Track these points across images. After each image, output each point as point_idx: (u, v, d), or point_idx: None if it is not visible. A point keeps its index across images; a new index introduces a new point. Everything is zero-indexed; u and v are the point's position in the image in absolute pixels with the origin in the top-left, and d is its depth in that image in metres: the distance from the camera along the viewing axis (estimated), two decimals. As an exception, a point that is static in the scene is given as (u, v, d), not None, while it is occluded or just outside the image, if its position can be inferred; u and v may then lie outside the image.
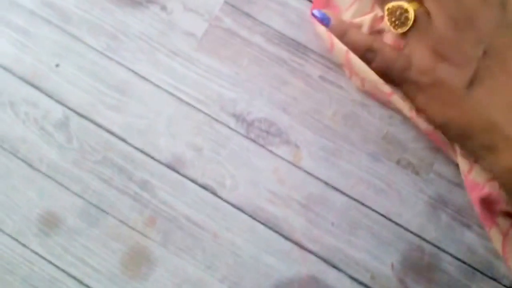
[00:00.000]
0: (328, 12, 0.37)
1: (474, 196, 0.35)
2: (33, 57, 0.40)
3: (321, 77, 0.39)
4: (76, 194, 0.38)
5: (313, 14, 0.37)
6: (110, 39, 0.40)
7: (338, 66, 0.40)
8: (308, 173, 0.38)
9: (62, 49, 0.40)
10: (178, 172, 0.38)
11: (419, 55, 0.36)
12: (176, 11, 0.40)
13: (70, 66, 0.39)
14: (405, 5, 0.35)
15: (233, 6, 0.40)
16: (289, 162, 0.38)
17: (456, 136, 0.35)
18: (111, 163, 0.38)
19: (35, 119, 0.39)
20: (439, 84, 0.35)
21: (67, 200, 0.38)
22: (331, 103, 0.39)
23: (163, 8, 0.40)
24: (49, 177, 0.38)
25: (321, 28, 0.37)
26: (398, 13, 0.35)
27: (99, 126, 0.38)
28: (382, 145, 0.38)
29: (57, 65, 0.39)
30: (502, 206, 0.34)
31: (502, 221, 0.35)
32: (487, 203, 0.35)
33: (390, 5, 0.36)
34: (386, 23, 0.36)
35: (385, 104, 0.38)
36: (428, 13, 0.35)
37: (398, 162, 0.38)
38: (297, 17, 0.40)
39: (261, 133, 0.38)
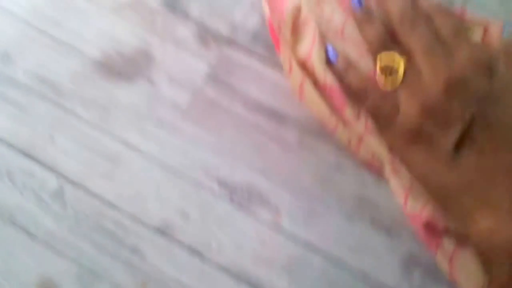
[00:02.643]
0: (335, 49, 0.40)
1: (417, 225, 0.38)
2: (29, 129, 0.44)
3: (298, 142, 0.43)
4: (71, 260, 0.42)
5: (326, 48, 0.40)
6: (101, 111, 0.44)
7: (315, 131, 0.44)
8: (289, 235, 0.42)
9: (57, 122, 0.44)
10: (166, 237, 0.42)
11: (407, 106, 0.38)
12: (162, 84, 0.44)
13: (64, 138, 0.44)
14: (397, 59, 0.37)
15: (214, 77, 0.45)
16: (270, 224, 0.42)
17: (435, 193, 0.37)
18: (103, 230, 0.42)
19: (32, 188, 0.43)
20: (424, 138, 0.37)
21: (63, 266, 0.42)
22: (308, 166, 0.43)
23: (150, 81, 0.44)
24: (45, 243, 0.42)
25: (282, 54, 0.42)
26: (389, 67, 0.38)
27: (92, 194, 0.42)
28: (356, 206, 0.42)
29: (51, 137, 0.44)
30: (444, 226, 0.37)
31: (447, 243, 0.38)
32: (430, 228, 0.38)
33: (382, 54, 0.38)
34: (378, 72, 0.38)
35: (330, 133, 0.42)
36: (418, 71, 0.37)
37: (371, 222, 0.42)
38: (273, 86, 0.45)
39: (243, 197, 0.42)
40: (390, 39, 0.39)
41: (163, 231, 0.42)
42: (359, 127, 0.40)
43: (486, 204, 0.35)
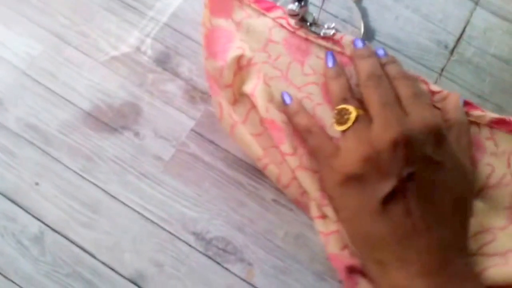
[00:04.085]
0: (292, 95, 0.44)
1: (339, 265, 0.41)
2: (15, 175, 0.46)
3: (274, 200, 0.46)
4: (46, 305, 0.43)
5: (282, 94, 0.44)
6: (86, 161, 0.47)
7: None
8: (260, 290, 0.43)
9: (42, 169, 0.46)
10: (139, 287, 0.44)
11: (348, 150, 0.40)
12: (147, 137, 0.47)
13: (48, 185, 0.46)
14: (350, 108, 0.41)
15: (198, 133, 0.48)
16: (242, 279, 0.44)
17: (357, 238, 0.40)
18: (79, 277, 0.44)
19: (12, 233, 0.45)
20: (358, 182, 0.39)
21: (37, 310, 0.43)
22: (282, 224, 0.45)
23: (136, 134, 0.47)
24: None
25: (214, 99, 0.46)
26: (342, 113, 0.41)
27: (71, 241, 0.45)
28: (327, 265, 0.44)
29: (36, 184, 0.46)
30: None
31: (363, 283, 0.40)
32: (351, 270, 0.40)
33: (339, 106, 0.42)
34: (332, 120, 0.42)
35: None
36: (369, 121, 0.40)
37: (341, 282, 0.44)
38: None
39: (218, 251, 0.44)
40: (351, 95, 0.42)
41: (136, 281, 0.43)
42: (293, 162, 0.43)
43: (400, 261, 0.37)
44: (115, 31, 0.50)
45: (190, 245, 0.44)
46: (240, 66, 0.44)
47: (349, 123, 0.40)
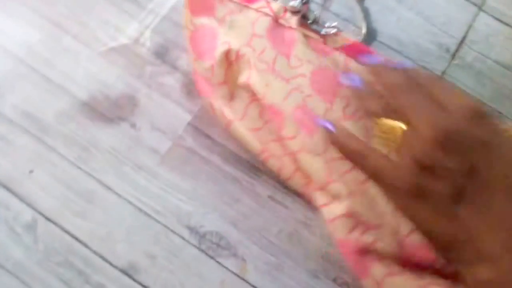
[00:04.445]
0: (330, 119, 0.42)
1: (347, 252, 0.40)
2: (9, 162, 0.46)
3: (269, 196, 0.46)
4: (36, 293, 0.43)
5: (320, 123, 0.42)
6: (82, 151, 0.46)
7: (287, 188, 0.47)
8: (253, 286, 0.43)
9: (37, 157, 0.46)
10: (132, 278, 0.43)
11: (405, 165, 0.38)
12: (144, 129, 0.47)
13: (43, 173, 0.46)
14: (395, 124, 0.40)
15: (195, 127, 0.48)
16: (235, 274, 0.44)
17: (439, 246, 0.39)
18: (71, 266, 0.44)
19: (5, 220, 0.45)
20: (423, 194, 0.38)
21: (27, 299, 0.43)
22: (277, 221, 0.45)
23: (133, 125, 0.47)
24: (13, 275, 0.44)
25: (205, 101, 0.46)
26: (386, 128, 0.41)
27: (64, 230, 0.44)
28: (321, 263, 0.44)
29: (31, 172, 0.46)
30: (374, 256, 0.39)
31: (378, 271, 0.40)
32: (363, 253, 0.40)
33: (381, 121, 0.40)
34: (376, 136, 0.41)
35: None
36: (416, 129, 0.38)
37: (334, 280, 0.44)
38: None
39: (212, 245, 0.44)
40: (388, 109, 0.41)
41: (128, 272, 0.43)
42: (295, 145, 0.43)
43: (486, 256, 0.36)
44: (114, 22, 0.50)
45: (183, 239, 0.44)
46: (230, 61, 0.45)
47: (397, 141, 0.39)
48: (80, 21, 0.50)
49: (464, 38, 0.48)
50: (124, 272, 0.43)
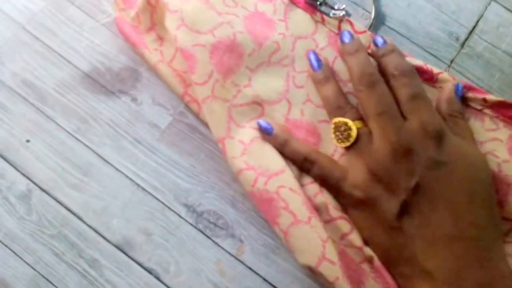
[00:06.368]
0: (271, 122, 0.43)
1: (256, 203, 0.42)
2: (6, 130, 0.46)
3: (270, 178, 0.45)
4: (28, 264, 0.43)
5: (258, 124, 0.43)
6: (81, 123, 0.46)
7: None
8: (248, 268, 0.43)
9: (35, 127, 0.46)
10: (126, 254, 0.43)
11: (355, 170, 0.40)
12: (144, 103, 0.47)
13: (39, 143, 0.45)
14: (350, 122, 0.41)
15: (197, 104, 0.47)
16: (231, 255, 0.44)
17: (379, 258, 0.39)
18: (64, 239, 0.43)
19: (-1, 188, 0.44)
20: (371, 203, 0.39)
21: (19, 269, 0.43)
22: (276, 203, 0.45)
23: (134, 99, 0.47)
24: (4, 245, 0.43)
25: (136, 52, 0.46)
26: (342, 128, 0.41)
27: (59, 202, 0.44)
28: (318, 248, 0.44)
29: (27, 141, 0.45)
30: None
31: (283, 219, 0.41)
32: (268, 202, 0.41)
33: (336, 119, 0.41)
34: (331, 135, 0.42)
35: None
36: (370, 134, 0.40)
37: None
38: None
39: (209, 224, 0.44)
40: (345, 101, 0.41)
41: (123, 248, 0.43)
42: (204, 91, 0.43)
43: (424, 273, 0.37)
44: (120, -6, 0.49)
45: (180, 216, 0.43)
46: (153, 6, 0.45)
47: (351, 140, 0.40)
48: (84, -9, 0.49)
49: (474, 27, 0.48)
50: (119, 247, 0.43)
